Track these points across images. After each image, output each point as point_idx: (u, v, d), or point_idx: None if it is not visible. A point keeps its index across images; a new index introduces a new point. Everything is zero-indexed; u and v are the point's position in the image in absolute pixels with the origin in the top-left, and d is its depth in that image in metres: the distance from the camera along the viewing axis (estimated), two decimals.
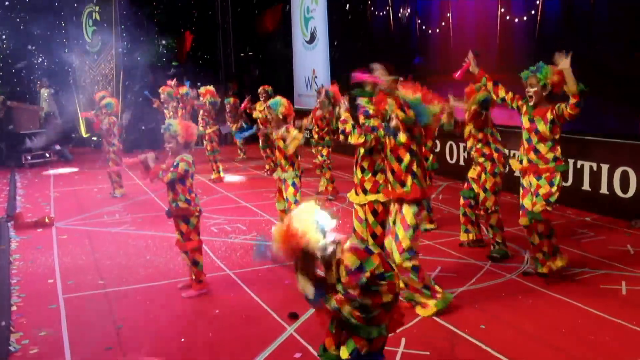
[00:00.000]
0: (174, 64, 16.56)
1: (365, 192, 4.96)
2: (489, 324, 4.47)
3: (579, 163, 7.81)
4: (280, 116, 6.16)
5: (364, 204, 4.99)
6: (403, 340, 4.24)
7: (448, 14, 10.32)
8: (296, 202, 6.01)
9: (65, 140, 14.66)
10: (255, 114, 11.46)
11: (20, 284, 5.66)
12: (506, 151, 6.37)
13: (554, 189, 5.11)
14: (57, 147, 14.09)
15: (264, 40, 17.36)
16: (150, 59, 16.10)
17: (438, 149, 10.43)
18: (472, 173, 6.22)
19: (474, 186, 6.21)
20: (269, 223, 7.68)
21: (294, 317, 4.68)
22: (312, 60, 15.48)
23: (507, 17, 9.04)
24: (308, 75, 15.72)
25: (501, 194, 6.15)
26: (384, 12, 12.20)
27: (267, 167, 11.67)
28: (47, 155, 13.71)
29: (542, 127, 5.06)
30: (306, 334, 4.40)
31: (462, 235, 6.46)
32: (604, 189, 7.51)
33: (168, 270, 5.94)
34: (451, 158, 10.20)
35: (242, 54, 17.50)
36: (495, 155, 5.98)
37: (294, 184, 6.06)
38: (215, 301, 5.16)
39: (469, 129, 6.11)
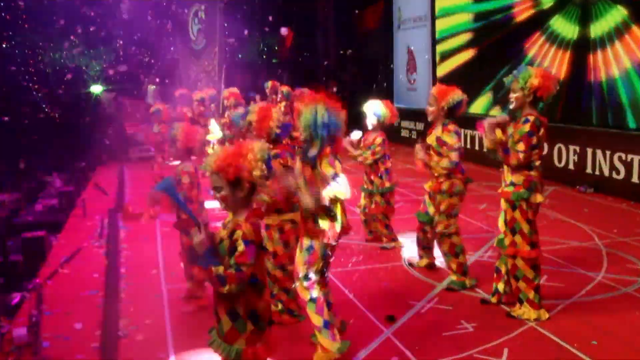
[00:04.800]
0: (274, 61, 16.97)
1: (279, 211, 4.54)
2: (601, 340, 4.24)
3: None
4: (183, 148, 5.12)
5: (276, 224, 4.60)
6: (505, 350, 4.12)
7: None
8: None
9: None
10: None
11: (127, 273, 6.02)
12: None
13: (518, 215, 4.50)
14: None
15: (365, 39, 17.38)
16: (252, 56, 16.60)
17: (545, 151, 10.01)
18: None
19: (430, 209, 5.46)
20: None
21: (391, 320, 4.67)
22: None
23: None
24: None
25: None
26: None
27: None
28: (152, 149, 14.44)
29: (511, 142, 4.50)
30: (403, 337, 4.38)
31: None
32: None
33: None
34: (559, 161, 9.75)
35: (341, 52, 17.61)
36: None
37: None
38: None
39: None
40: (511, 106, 4.67)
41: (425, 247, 5.82)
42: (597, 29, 9.11)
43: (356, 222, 7.15)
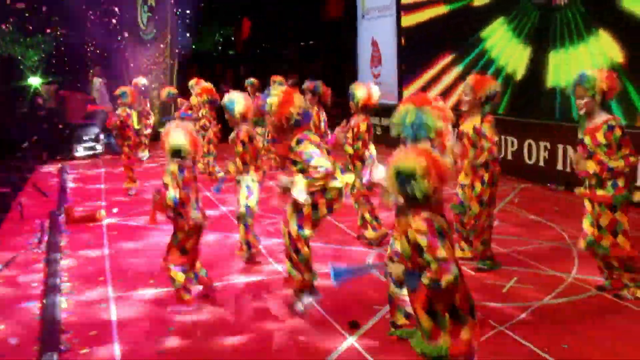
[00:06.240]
0: (230, 52, 16.85)
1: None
2: (572, 343, 4.33)
3: None
4: (238, 116, 6.08)
5: None
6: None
7: None
8: (247, 207, 6.14)
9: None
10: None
11: (71, 281, 5.89)
12: None
13: (619, 216, 4.87)
14: (105, 139, 14.53)
15: (328, 29, 17.39)
16: (207, 47, 16.43)
17: (515, 147, 10.21)
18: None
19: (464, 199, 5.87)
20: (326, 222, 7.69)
21: (354, 326, 4.69)
22: None
23: None
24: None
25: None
26: None
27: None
28: (98, 147, 14.21)
29: (590, 144, 4.85)
30: (367, 344, 4.41)
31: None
32: None
33: (222, 271, 6.04)
34: (529, 158, 9.95)
35: (302, 43, 17.58)
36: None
37: (247, 187, 6.15)
38: (272, 307, 5.22)
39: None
40: (581, 112, 4.91)
41: (466, 239, 6.05)
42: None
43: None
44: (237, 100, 6.13)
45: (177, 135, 4.95)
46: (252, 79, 12.32)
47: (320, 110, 8.78)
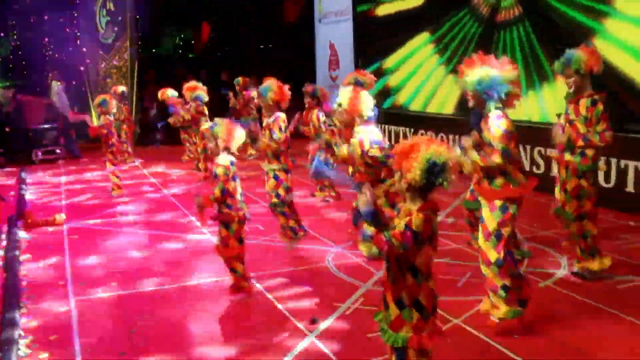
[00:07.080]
0: (190, 56, 16.72)
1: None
2: (522, 334, 4.43)
3: (623, 163, 7.70)
4: (271, 102, 6.31)
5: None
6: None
7: None
8: (278, 196, 6.27)
9: (72, 135, 14.80)
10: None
11: (30, 286, 5.78)
12: None
13: (584, 182, 5.20)
14: (64, 143, 14.26)
15: (287, 33, 17.39)
16: (166, 50, 16.27)
17: None
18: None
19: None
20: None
21: (314, 323, 4.72)
22: None
23: None
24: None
25: None
26: None
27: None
28: (58, 151, 13.95)
29: (571, 113, 5.21)
30: (327, 341, 4.44)
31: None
32: None
33: (183, 273, 6.01)
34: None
35: (262, 46, 17.55)
36: None
37: (275, 177, 6.27)
38: (231, 305, 5.22)
39: None
40: (570, 90, 5.24)
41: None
42: None
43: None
44: (270, 87, 6.32)
45: (242, 131, 5.19)
46: (239, 78, 13.25)
47: (320, 112, 8.83)
